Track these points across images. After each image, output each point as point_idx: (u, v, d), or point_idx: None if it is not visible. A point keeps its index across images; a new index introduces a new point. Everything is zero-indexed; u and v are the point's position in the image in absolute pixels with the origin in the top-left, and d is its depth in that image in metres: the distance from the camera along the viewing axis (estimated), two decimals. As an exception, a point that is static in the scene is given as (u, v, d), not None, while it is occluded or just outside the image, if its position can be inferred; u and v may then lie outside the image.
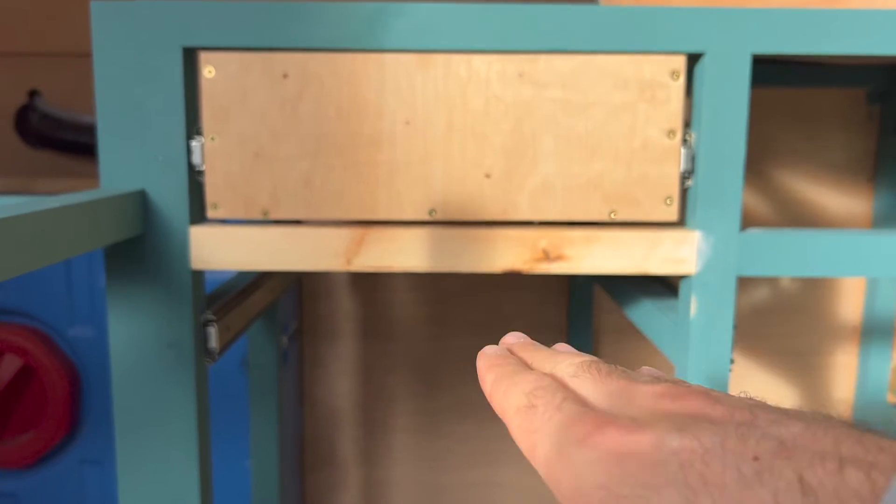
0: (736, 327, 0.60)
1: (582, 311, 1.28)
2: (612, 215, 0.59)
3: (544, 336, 1.28)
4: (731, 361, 0.60)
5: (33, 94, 1.29)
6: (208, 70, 0.57)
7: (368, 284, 1.32)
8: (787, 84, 1.19)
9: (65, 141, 1.28)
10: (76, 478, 1.05)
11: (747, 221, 0.59)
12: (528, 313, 1.32)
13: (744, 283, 1.31)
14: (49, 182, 1.19)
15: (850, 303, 1.31)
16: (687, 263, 0.59)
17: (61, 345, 1.02)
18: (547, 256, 0.59)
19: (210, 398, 1.01)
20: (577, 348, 1.17)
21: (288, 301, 1.20)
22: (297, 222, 0.63)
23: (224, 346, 0.64)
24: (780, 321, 1.32)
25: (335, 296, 1.32)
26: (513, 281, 1.31)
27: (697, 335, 0.59)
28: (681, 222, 0.61)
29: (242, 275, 0.80)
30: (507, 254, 0.59)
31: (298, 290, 1.30)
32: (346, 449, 1.37)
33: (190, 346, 0.59)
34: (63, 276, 1.01)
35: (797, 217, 1.28)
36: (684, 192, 0.60)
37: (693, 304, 0.59)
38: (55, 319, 1.02)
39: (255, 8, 0.56)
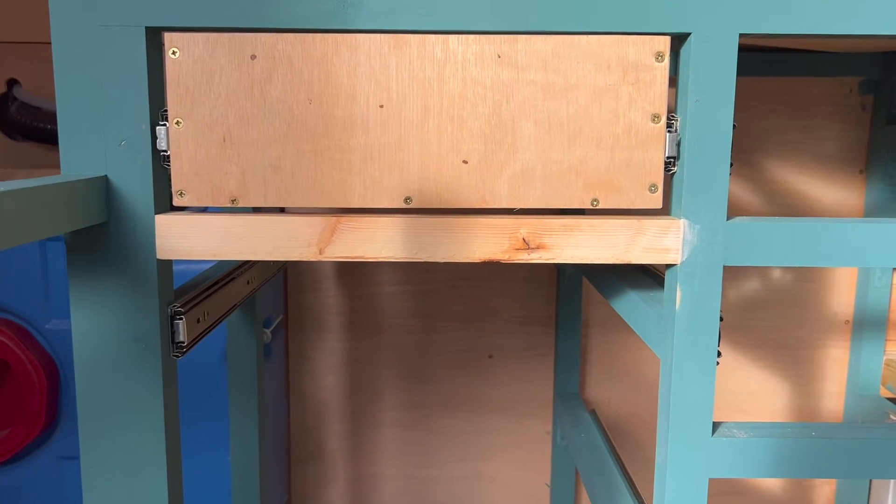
0: (723, 319, 0.58)
1: (570, 304, 1.26)
2: (595, 203, 0.57)
3: (533, 329, 1.26)
4: (718, 354, 0.58)
5: (12, 83, 1.26)
6: (173, 51, 0.54)
7: (355, 277, 1.30)
8: (780, 73, 1.18)
9: (45, 131, 1.25)
10: (55, 474, 1.03)
11: (739, 213, 0.57)
12: (516, 306, 1.30)
13: (734, 275, 1.29)
14: (27, 173, 1.17)
15: (842, 295, 1.29)
16: (672, 253, 0.57)
17: (39, 339, 1.00)
18: (527, 245, 0.57)
19: (190, 393, 0.99)
20: (566, 341, 1.16)
21: (272, 293, 1.18)
22: (269, 210, 0.61)
23: (194, 340, 0.61)
24: (770, 314, 1.30)
25: (321, 288, 1.30)
26: (500, 273, 1.29)
27: (683, 327, 0.57)
28: (665, 210, 0.59)
29: (220, 265, 0.78)
30: (486, 243, 0.57)
31: (284, 282, 1.28)
32: (333, 443, 1.35)
33: (156, 340, 0.57)
34: (39, 269, 0.99)
35: (789, 208, 1.26)
36: (669, 179, 0.58)
37: (678, 296, 0.57)
38: (32, 313, 1.00)
39: (221, -14, 0.53)
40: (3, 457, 1.00)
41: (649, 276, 0.76)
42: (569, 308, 1.27)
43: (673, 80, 0.57)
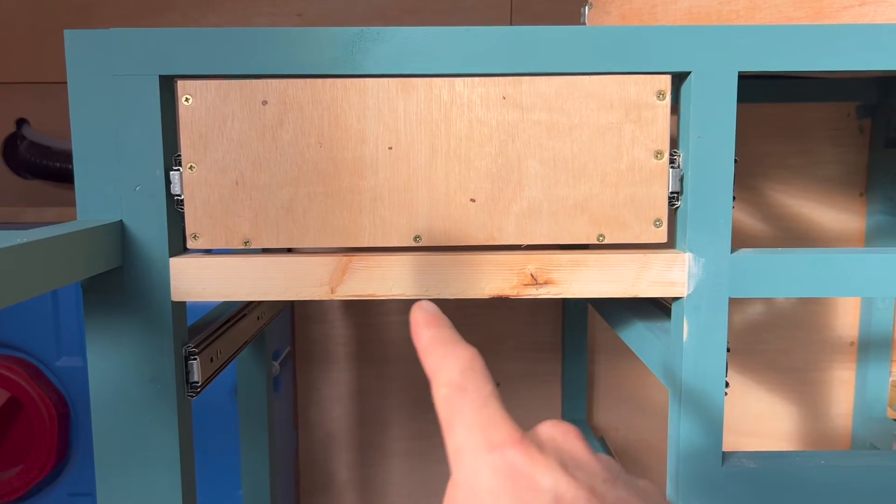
0: (729, 350, 0.59)
1: (576, 331, 1.27)
2: (601, 238, 0.58)
3: (539, 356, 1.27)
4: (726, 385, 0.59)
5: (21, 122, 1.28)
6: (186, 98, 0.56)
7: (361, 307, 1.31)
8: (777, 100, 1.19)
9: (53, 169, 1.27)
10: (65, 511, 1.03)
11: (740, 238, 0.58)
12: (522, 333, 1.31)
13: (739, 299, 1.30)
14: (37, 211, 1.18)
15: (847, 317, 1.30)
16: (678, 286, 0.58)
17: (49, 376, 1.01)
18: (535, 281, 0.58)
19: (201, 427, 1.00)
20: (572, 367, 1.15)
21: (280, 326, 1.19)
22: (281, 251, 0.62)
23: (208, 379, 0.62)
24: (776, 337, 1.30)
25: (328, 319, 1.31)
26: (508, 301, 1.30)
27: (690, 359, 0.58)
28: (670, 244, 0.60)
29: (228, 303, 0.79)
30: (495, 279, 0.58)
31: (291, 314, 1.29)
32: (341, 474, 1.35)
33: (172, 381, 0.57)
34: (50, 306, 1.00)
35: (790, 232, 1.27)
36: (673, 214, 0.59)
37: (685, 328, 0.58)
38: (43, 351, 1.01)
39: (232, 35, 0.55)
40: (15, 494, 1.00)
41: (655, 306, 0.76)
42: (575, 334, 1.27)
43: (675, 108, 0.59)
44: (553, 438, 0.28)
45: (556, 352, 1.31)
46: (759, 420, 1.33)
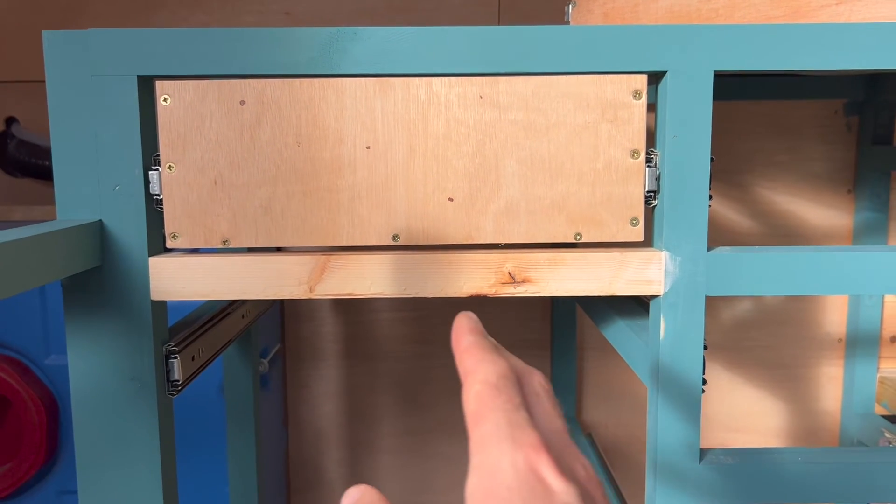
0: (707, 348, 0.59)
1: (565, 328, 1.27)
2: (578, 237, 0.58)
3: (528, 353, 1.27)
4: (704, 382, 0.59)
5: (10, 120, 1.28)
6: (164, 98, 0.56)
7: (351, 304, 1.31)
8: (767, 97, 1.19)
9: (42, 167, 1.27)
10: (55, 508, 1.04)
11: (727, 235, 0.58)
12: (511, 331, 1.31)
13: (727, 296, 1.30)
14: (26, 209, 1.19)
15: (834, 314, 1.30)
16: (654, 284, 0.58)
17: (38, 374, 1.01)
18: (513, 279, 0.58)
19: (188, 423, 1.00)
20: (561, 364, 1.16)
21: (269, 323, 1.19)
22: (264, 250, 0.62)
23: (189, 378, 0.63)
24: (764, 334, 1.31)
25: (318, 317, 1.31)
26: (495, 298, 1.31)
27: (667, 357, 0.58)
28: (647, 243, 0.60)
29: (212, 302, 0.79)
30: (473, 277, 0.58)
31: (281, 311, 1.29)
32: (332, 471, 1.35)
33: (152, 379, 0.58)
34: (38, 304, 1.00)
35: (778, 229, 1.28)
36: (650, 212, 0.60)
37: (662, 326, 0.58)
38: (32, 349, 1.01)
39: (210, 35, 0.55)
40: (4, 492, 1.01)
41: (638, 304, 0.77)
42: (563, 331, 1.28)
43: (652, 106, 0.59)
44: (582, 467, 0.28)
45: (545, 349, 1.31)
46: (747, 416, 1.33)
